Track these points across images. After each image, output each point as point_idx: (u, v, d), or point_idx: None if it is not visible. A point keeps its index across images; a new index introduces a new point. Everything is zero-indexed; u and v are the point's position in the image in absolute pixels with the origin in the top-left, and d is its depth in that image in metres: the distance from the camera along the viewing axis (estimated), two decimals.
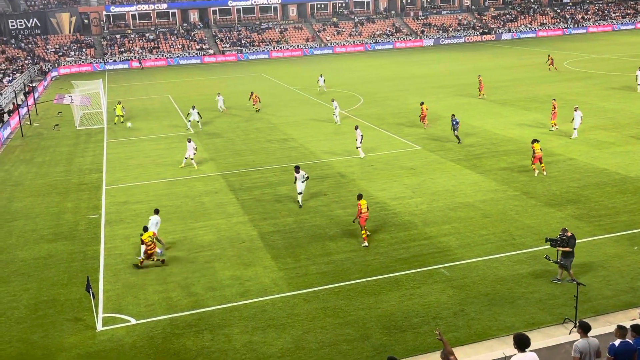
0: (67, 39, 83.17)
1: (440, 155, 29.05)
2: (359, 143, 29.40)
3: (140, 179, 28.15)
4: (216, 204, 24.10)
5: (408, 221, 21.11)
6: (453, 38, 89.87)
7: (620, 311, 14.76)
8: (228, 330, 14.87)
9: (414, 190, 24.30)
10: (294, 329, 14.78)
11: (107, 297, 16.83)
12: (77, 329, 15.31)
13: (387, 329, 14.54)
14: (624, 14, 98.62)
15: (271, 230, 20.99)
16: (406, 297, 15.97)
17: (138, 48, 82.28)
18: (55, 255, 19.95)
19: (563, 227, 16.13)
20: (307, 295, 16.34)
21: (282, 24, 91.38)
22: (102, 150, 34.38)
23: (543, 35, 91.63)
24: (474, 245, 18.90)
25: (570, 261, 15.93)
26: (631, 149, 28.27)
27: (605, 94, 42.20)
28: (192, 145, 29.24)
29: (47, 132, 40.81)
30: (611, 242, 18.58)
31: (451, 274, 17.11)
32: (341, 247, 19.31)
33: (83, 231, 21.99)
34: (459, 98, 44.13)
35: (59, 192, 26.75)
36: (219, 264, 18.54)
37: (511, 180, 24.84)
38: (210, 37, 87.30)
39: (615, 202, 21.83)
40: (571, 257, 15.91)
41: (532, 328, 14.22)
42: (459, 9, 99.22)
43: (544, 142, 30.17)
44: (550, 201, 22.22)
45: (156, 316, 15.69)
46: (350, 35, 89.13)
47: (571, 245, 15.71)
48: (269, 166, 29.07)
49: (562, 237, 15.74)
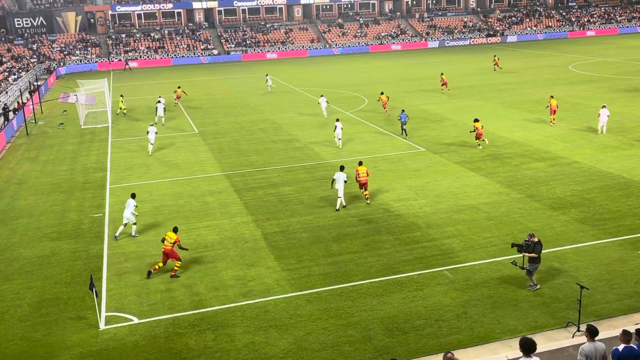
0: (73, 37, 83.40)
1: (445, 158, 29.02)
2: (339, 135, 31.43)
3: (144, 178, 28.20)
4: (220, 204, 24.12)
5: (412, 223, 21.09)
6: (458, 40, 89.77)
7: (623, 315, 14.71)
8: (230, 330, 14.88)
9: (418, 192, 24.28)
10: (296, 329, 14.78)
11: (110, 296, 16.86)
12: (80, 327, 15.34)
13: (389, 331, 14.53)
14: (630, 17, 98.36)
15: (274, 231, 21.00)
16: (409, 299, 15.95)
17: (143, 47, 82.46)
18: (59, 253, 20.00)
19: (530, 233, 15.91)
20: (309, 296, 16.34)
21: (287, 24, 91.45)
22: (107, 149, 34.45)
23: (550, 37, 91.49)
24: (478, 247, 18.87)
25: (536, 267, 15.75)
26: (636, 153, 28.18)
27: (610, 97, 42.08)
28: (153, 130, 32.51)
29: (52, 130, 40.92)
30: (615, 246, 18.52)
31: (454, 276, 17.09)
32: (344, 248, 19.30)
33: (87, 230, 22.03)
34: (463, 100, 44.08)
35: (63, 191, 26.82)
36: (222, 264, 18.56)
37: (515, 183, 24.80)
38: (215, 37, 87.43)
39: (620, 205, 21.77)
40: (537, 263, 15.70)
41: (535, 331, 14.18)
42: (464, 10, 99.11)
43: (548, 145, 30.17)
44: (555, 204, 22.17)
45: (159, 315, 15.70)
46: (355, 37, 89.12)
47: (537, 251, 15.49)
48: (273, 166, 29.08)
49: (527, 243, 15.57)
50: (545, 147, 29.98)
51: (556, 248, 18.53)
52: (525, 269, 15.88)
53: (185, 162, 30.85)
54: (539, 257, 15.71)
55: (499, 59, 60.62)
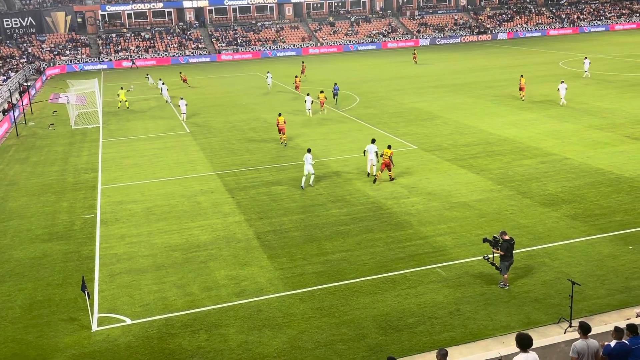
0: (63, 38, 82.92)
1: (436, 155, 29.09)
2: (309, 107, 39.40)
3: (135, 179, 28.10)
4: (212, 203, 24.07)
5: (404, 221, 21.13)
6: (449, 38, 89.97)
7: (614, 311, 14.80)
8: (224, 330, 14.86)
9: (410, 190, 24.33)
10: (289, 328, 14.77)
11: (103, 297, 16.79)
12: (72, 329, 15.27)
13: (382, 329, 14.55)
14: (619, 14, 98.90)
15: (267, 230, 20.98)
16: (402, 296, 15.98)
17: (134, 47, 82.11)
18: (51, 255, 19.89)
19: (502, 230, 15.86)
20: (303, 295, 16.34)
21: (278, 23, 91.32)
22: (98, 150, 34.29)
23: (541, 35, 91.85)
24: (470, 244, 18.93)
25: (506, 265, 15.73)
26: (626, 149, 28.36)
27: (600, 93, 42.32)
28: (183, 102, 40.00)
29: (42, 131, 40.69)
30: (606, 242, 18.63)
31: (447, 273, 17.14)
32: (337, 246, 19.31)
33: (78, 231, 21.93)
34: (455, 97, 44.20)
35: (54, 192, 26.67)
36: (215, 264, 18.52)
37: (507, 180, 24.89)
38: (206, 36, 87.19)
39: (610, 201, 21.90)
40: (507, 261, 15.68)
41: (528, 327, 14.24)
42: (455, 8, 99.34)
43: (539, 142, 30.31)
44: (546, 201, 22.27)
45: (152, 316, 15.66)
46: (346, 35, 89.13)
47: (503, 248, 15.47)
48: (265, 166, 29.05)
49: (495, 239, 15.60)
50: (536, 143, 30.11)
51: (548, 244, 18.63)
52: (495, 265, 15.93)
53: (176, 162, 30.76)
54: (511, 256, 15.67)
55: (416, 54, 67.77)
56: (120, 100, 46.94)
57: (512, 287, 16.12)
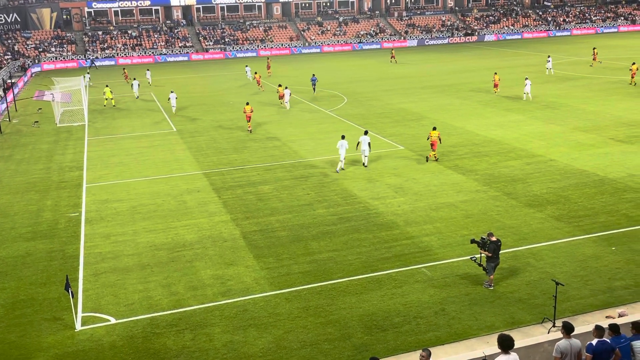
0: (48, 34, 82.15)
1: (423, 156, 29.17)
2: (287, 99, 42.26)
3: (121, 177, 27.91)
4: (198, 202, 23.97)
5: (390, 221, 21.18)
6: (437, 39, 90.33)
7: (597, 311, 14.95)
8: (209, 330, 14.80)
9: (397, 190, 24.39)
10: (275, 328, 14.75)
11: (87, 296, 16.65)
12: (55, 328, 15.13)
13: (368, 329, 14.58)
14: (605, 17, 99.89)
15: (253, 230, 20.93)
16: (388, 296, 16.02)
17: (120, 45, 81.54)
18: (34, 253, 19.70)
19: (489, 231, 16.02)
20: (289, 295, 16.33)
21: (266, 22, 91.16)
22: (83, 148, 34.01)
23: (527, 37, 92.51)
24: (455, 245, 19.03)
25: (492, 266, 15.87)
26: (610, 151, 28.65)
27: (585, 96, 42.71)
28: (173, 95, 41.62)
29: (26, 128, 40.28)
30: (590, 243, 18.81)
31: (432, 273, 17.21)
32: (323, 246, 19.32)
33: (62, 229, 21.74)
34: (442, 98, 44.38)
35: (38, 190, 26.42)
36: (201, 263, 18.45)
37: (493, 180, 25.04)
38: (193, 34, 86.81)
39: (594, 203, 22.11)
40: (493, 262, 15.82)
41: (512, 327, 14.35)
42: (442, 10, 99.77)
43: (525, 143, 30.52)
44: (531, 202, 22.44)
45: (136, 315, 15.56)
46: (334, 35, 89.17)
47: (490, 249, 15.64)
48: (252, 165, 28.98)
49: (483, 240, 15.76)
50: (522, 145, 30.33)
51: (532, 245, 18.77)
52: (482, 266, 16.04)
53: (163, 160, 30.59)
54: (497, 257, 15.81)
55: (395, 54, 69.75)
56: (107, 98, 46.80)
57: (497, 287, 16.23)
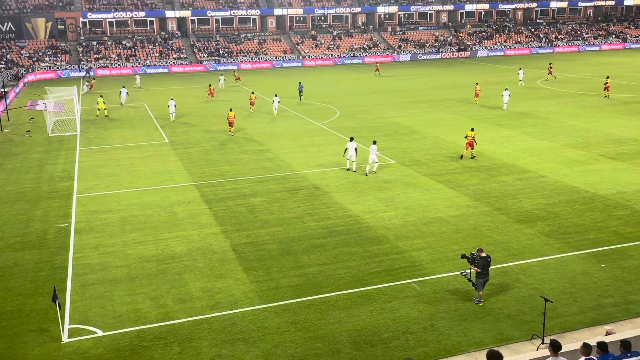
0: (42, 44, 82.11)
1: (414, 170, 29.27)
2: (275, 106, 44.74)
3: (112, 188, 27.80)
4: (189, 214, 23.90)
5: (381, 235, 21.19)
6: (430, 54, 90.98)
7: (586, 328, 14.97)
8: (197, 343, 14.70)
9: (387, 204, 24.42)
10: (263, 342, 14.67)
11: (74, 308, 16.51)
12: (41, 340, 14.98)
13: (357, 344, 14.52)
14: (596, 35, 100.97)
15: (243, 242, 20.87)
16: (377, 311, 15.98)
17: (114, 55, 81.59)
18: (22, 264, 19.55)
19: (479, 247, 16.04)
20: (277, 309, 16.26)
21: (260, 35, 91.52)
22: (75, 158, 33.89)
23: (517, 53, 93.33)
24: (445, 260, 19.04)
25: (482, 282, 15.89)
26: (600, 168, 28.84)
27: (576, 112, 43.06)
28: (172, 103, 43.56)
29: (18, 137, 40.12)
30: (579, 259, 18.87)
31: (422, 288, 17.20)
32: (314, 260, 19.28)
33: (52, 240, 21.60)
34: (434, 113, 44.61)
35: (28, 200, 26.27)
36: (190, 276, 18.36)
37: (483, 196, 25.13)
38: (188, 46, 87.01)
39: (584, 219, 22.22)
40: (482, 278, 15.84)
41: (501, 344, 14.34)
42: (435, 25, 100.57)
43: (516, 159, 30.69)
44: (521, 218, 22.52)
45: (124, 328, 15.44)
46: (328, 49, 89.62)
47: (479, 265, 15.66)
48: (243, 177, 28.96)
49: (472, 255, 15.79)
50: (512, 160, 30.49)
51: (522, 261, 18.81)
52: (472, 281, 16.06)
53: (154, 171, 30.53)
54: (486, 273, 15.83)
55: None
56: (99, 108, 46.73)
57: (487, 303, 16.23)
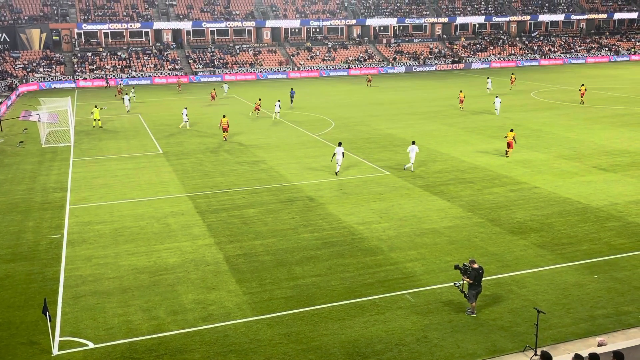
0: (37, 55, 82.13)
1: (408, 181, 29.31)
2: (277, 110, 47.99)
3: (105, 199, 27.70)
4: (182, 225, 23.82)
5: (375, 246, 21.16)
6: (424, 66, 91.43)
7: (579, 339, 14.95)
8: (188, 356, 14.59)
9: (382, 216, 24.41)
10: (256, 354, 14.58)
11: (65, 320, 16.39)
12: (31, 352, 14.85)
13: (350, 355, 14.45)
14: (589, 48, 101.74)
15: (237, 254, 20.80)
16: (370, 322, 15.92)
17: (109, 66, 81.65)
18: (13, 275, 19.41)
19: (472, 259, 16.07)
20: (270, 320, 16.18)
21: (256, 46, 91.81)
22: (68, 169, 33.79)
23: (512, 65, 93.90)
24: (439, 271, 19.01)
25: (474, 293, 15.88)
26: (593, 179, 28.94)
27: (569, 124, 43.27)
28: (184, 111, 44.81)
29: (10, 148, 40.00)
30: (572, 271, 18.88)
31: (416, 299, 17.15)
32: (307, 271, 19.22)
33: (43, 251, 21.46)
34: (428, 124, 44.74)
35: (20, 211, 26.13)
36: (182, 287, 18.26)
37: (477, 207, 25.16)
38: (183, 57, 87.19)
39: (577, 231, 22.26)
40: (474, 289, 15.84)
41: (494, 355, 14.30)
42: (430, 37, 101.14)
43: (509, 170, 30.78)
44: (515, 229, 22.54)
45: (115, 340, 15.32)
46: (323, 60, 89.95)
47: (471, 276, 15.68)
48: (237, 188, 28.91)
49: (465, 266, 15.80)
50: (506, 172, 30.57)
51: (515, 272, 18.80)
52: (464, 293, 16.04)
53: (148, 182, 30.45)
54: (479, 285, 15.82)
55: (372, 78, 73.82)
56: (95, 119, 46.62)
57: (480, 314, 16.20)
